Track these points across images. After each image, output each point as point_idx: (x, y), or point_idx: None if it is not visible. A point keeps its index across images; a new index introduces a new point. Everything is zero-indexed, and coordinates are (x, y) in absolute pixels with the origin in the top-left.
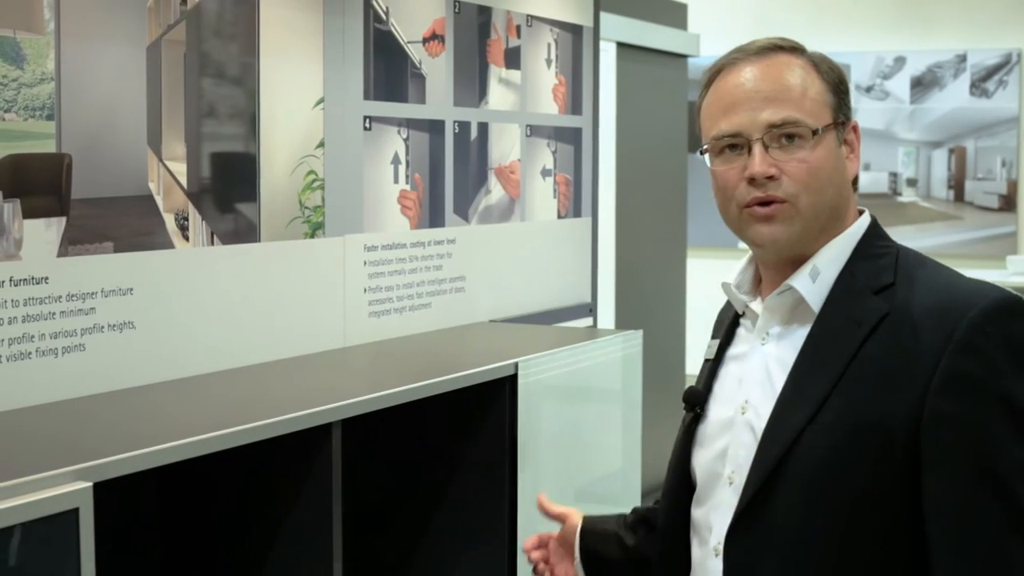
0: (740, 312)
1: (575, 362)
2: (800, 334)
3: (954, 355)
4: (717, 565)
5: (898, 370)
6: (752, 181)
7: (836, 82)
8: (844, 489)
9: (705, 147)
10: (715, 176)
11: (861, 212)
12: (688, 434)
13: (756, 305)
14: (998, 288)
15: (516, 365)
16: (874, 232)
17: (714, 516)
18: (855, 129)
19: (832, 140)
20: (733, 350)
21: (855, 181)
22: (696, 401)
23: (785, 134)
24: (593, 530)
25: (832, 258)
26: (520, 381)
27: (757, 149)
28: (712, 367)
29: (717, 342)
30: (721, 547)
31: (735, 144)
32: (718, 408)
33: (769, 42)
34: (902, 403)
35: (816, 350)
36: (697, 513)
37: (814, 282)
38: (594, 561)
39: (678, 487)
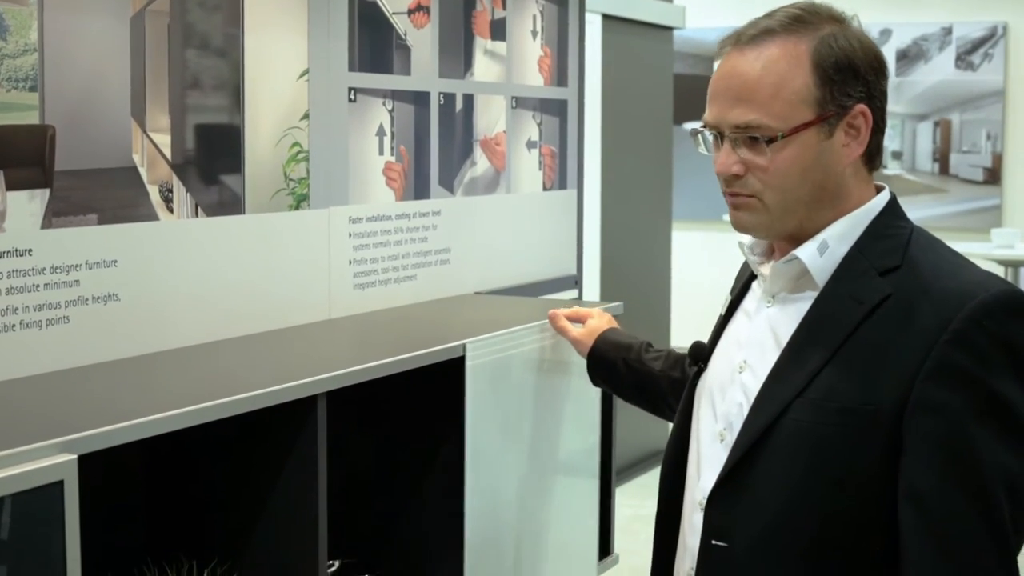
0: (754, 271)
1: (544, 337)
2: (803, 304)
3: (947, 345)
4: (700, 519)
5: (891, 353)
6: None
7: (832, 68)
8: (825, 464)
9: (697, 128)
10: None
11: (881, 188)
12: (692, 387)
13: (765, 268)
14: (1003, 281)
15: (463, 345)
16: (890, 211)
17: (703, 470)
18: (863, 113)
19: (810, 137)
20: (745, 304)
21: (875, 158)
22: (699, 356)
23: (751, 136)
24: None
25: (843, 234)
26: (480, 358)
27: (725, 146)
28: (723, 321)
29: (729, 298)
30: (705, 501)
31: (714, 133)
32: (719, 363)
33: (771, 23)
34: (890, 386)
35: (814, 325)
36: (690, 466)
37: (822, 255)
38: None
39: (677, 440)
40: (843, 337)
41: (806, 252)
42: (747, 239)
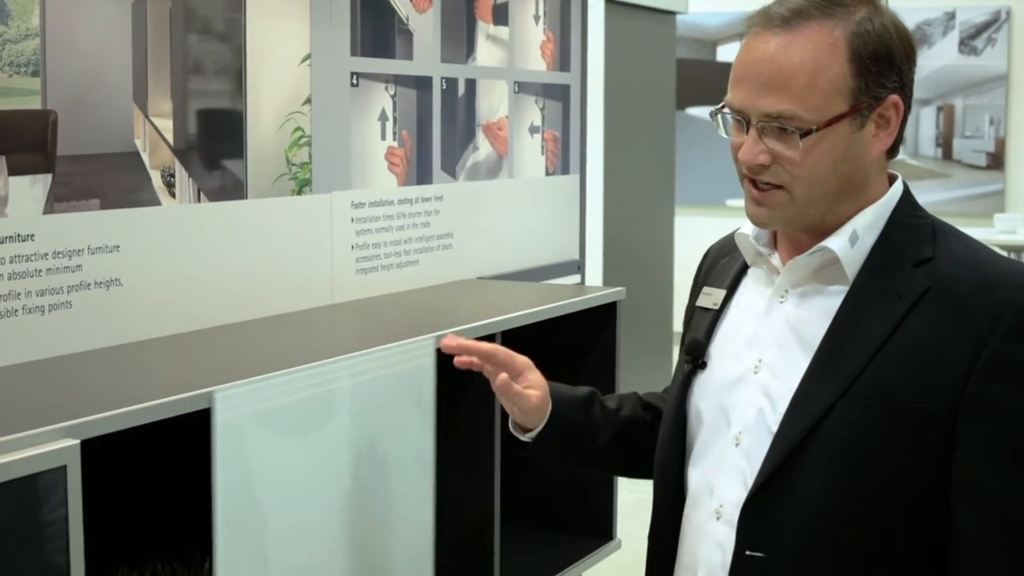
0: (749, 263)
1: (366, 371)
2: (826, 298)
3: (1002, 339)
4: (718, 529)
5: (941, 348)
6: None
7: (870, 57)
8: (873, 466)
9: (716, 110)
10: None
11: (894, 177)
12: (685, 387)
13: (775, 259)
14: None
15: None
16: (907, 200)
17: (716, 477)
18: (895, 105)
19: (842, 129)
20: (739, 300)
21: (895, 148)
22: (700, 354)
23: (780, 126)
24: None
25: (870, 224)
26: (240, 408)
27: (751, 134)
28: (715, 316)
29: (722, 292)
30: (724, 511)
31: (738, 118)
32: (723, 362)
33: (803, 3)
34: (942, 383)
35: (851, 321)
36: (694, 473)
37: (853, 247)
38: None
39: (671, 443)
40: (886, 333)
41: (838, 244)
42: (750, 229)
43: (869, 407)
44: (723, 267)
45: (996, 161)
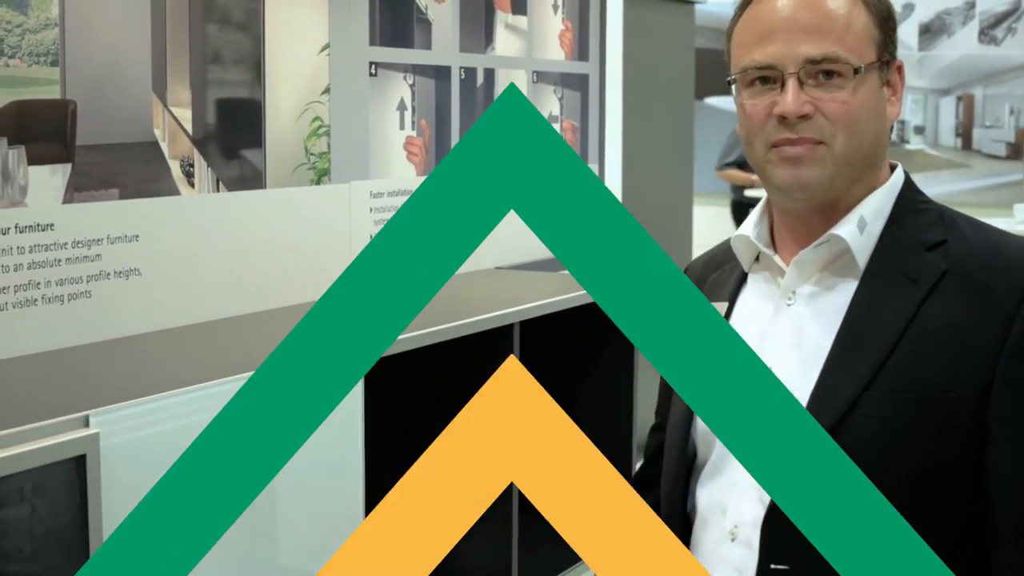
0: (746, 270)
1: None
2: (839, 293)
3: None
4: (734, 551)
5: (965, 332)
6: (783, 119)
7: (883, 16)
8: (902, 461)
9: (733, 77)
10: (742, 110)
11: (893, 165)
12: (691, 415)
13: (778, 260)
14: None
15: None
16: (911, 186)
17: (729, 497)
18: (899, 70)
19: (875, 80)
20: (740, 311)
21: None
22: None
23: (824, 71)
24: None
25: (877, 210)
26: (129, 433)
27: (791, 84)
28: None
29: (723, 304)
30: (739, 531)
31: (767, 77)
32: None
33: None
34: (970, 368)
35: (868, 310)
36: (703, 493)
37: (862, 234)
38: None
39: (679, 468)
40: (906, 320)
41: (847, 230)
42: (750, 229)
43: (895, 398)
44: (716, 281)
45: (1016, 151)
